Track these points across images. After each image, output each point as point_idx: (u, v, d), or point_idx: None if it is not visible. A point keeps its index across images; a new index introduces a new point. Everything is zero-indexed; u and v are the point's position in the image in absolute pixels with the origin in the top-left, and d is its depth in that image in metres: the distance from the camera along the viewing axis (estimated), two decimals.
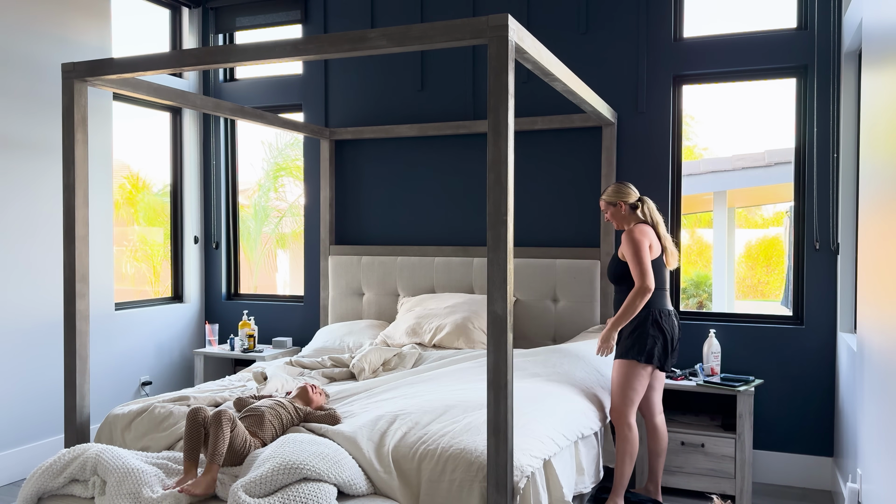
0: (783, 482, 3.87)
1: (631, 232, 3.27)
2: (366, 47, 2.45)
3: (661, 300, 3.31)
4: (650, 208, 3.38)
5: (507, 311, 2.28)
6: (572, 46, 4.21)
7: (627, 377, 3.25)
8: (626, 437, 3.24)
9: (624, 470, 3.26)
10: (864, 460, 2.73)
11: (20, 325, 3.90)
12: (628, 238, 3.26)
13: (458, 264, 4.37)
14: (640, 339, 3.24)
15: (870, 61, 2.74)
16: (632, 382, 3.25)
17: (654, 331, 3.25)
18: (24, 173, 3.91)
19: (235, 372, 4.89)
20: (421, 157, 4.60)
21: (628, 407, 3.25)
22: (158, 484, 2.43)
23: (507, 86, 2.28)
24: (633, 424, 3.26)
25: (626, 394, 3.25)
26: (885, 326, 2.30)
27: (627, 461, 3.25)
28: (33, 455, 3.95)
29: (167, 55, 2.82)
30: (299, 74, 4.92)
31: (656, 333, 3.25)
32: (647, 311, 3.25)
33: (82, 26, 4.22)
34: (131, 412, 3.05)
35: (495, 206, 2.30)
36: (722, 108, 5.05)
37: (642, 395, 3.32)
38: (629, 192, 3.38)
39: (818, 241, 3.78)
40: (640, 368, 3.25)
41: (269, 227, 5.67)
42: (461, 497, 2.39)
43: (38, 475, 2.53)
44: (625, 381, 3.26)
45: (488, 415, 2.30)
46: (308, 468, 2.29)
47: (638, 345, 3.24)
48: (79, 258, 2.99)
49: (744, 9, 4.06)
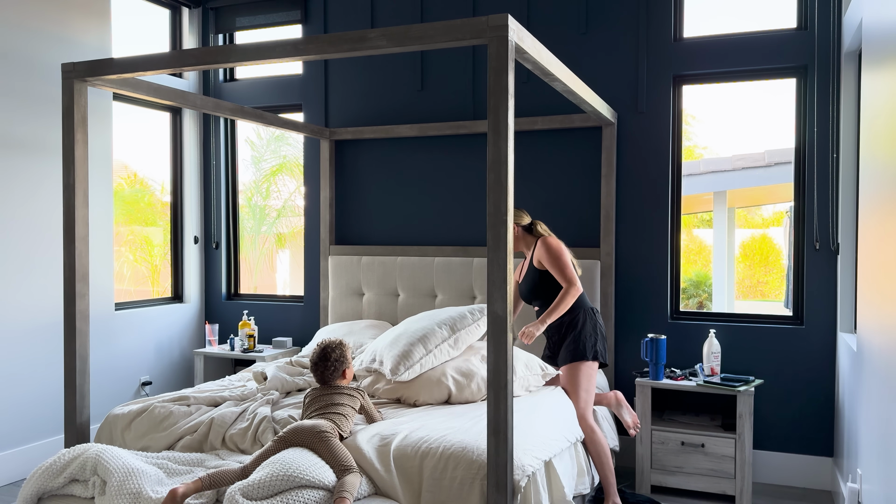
0: (783, 482, 3.88)
1: (546, 240, 3.38)
2: (366, 47, 2.45)
3: (586, 300, 3.45)
4: (544, 228, 3.51)
5: (507, 311, 2.28)
6: (572, 46, 4.21)
7: (580, 379, 3.32)
8: (593, 438, 3.25)
9: (605, 471, 3.27)
10: (864, 460, 2.73)
11: (20, 325, 3.90)
12: (544, 245, 3.36)
13: (458, 264, 4.37)
14: (582, 339, 3.34)
15: (870, 61, 2.74)
16: (585, 383, 3.32)
17: (591, 329, 3.36)
18: (24, 173, 3.91)
19: (235, 372, 4.89)
20: (421, 157, 4.60)
21: (587, 409, 3.29)
22: (158, 484, 2.44)
23: (507, 86, 2.28)
24: (594, 425, 3.27)
25: (581, 396, 3.30)
26: (885, 326, 2.30)
27: (604, 460, 3.26)
28: (33, 455, 3.95)
29: (167, 55, 2.82)
30: (299, 74, 4.92)
31: (593, 331, 3.36)
32: (580, 313, 3.38)
33: (82, 26, 4.22)
34: (131, 412, 3.05)
35: (495, 206, 2.30)
36: (722, 107, 5.05)
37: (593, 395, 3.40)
38: (522, 215, 3.51)
39: (818, 241, 3.78)
40: (590, 368, 3.33)
41: (265, 226, 5.67)
42: (462, 495, 2.39)
43: (38, 475, 2.53)
44: (578, 384, 3.32)
45: (488, 415, 2.30)
46: (307, 478, 2.28)
47: (583, 345, 3.33)
48: (79, 258, 2.99)
49: (744, 9, 4.06)
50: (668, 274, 4.05)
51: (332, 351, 2.84)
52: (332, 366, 2.82)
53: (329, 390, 2.80)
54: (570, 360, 3.35)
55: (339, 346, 2.88)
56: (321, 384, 2.85)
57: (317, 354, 2.84)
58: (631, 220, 4.08)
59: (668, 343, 4.01)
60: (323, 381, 2.83)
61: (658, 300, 4.06)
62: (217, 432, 2.90)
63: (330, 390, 2.80)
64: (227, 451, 2.85)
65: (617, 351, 4.14)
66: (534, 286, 3.46)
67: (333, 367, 2.82)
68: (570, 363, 3.35)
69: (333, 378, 2.83)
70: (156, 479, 2.46)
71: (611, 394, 3.59)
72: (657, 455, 3.70)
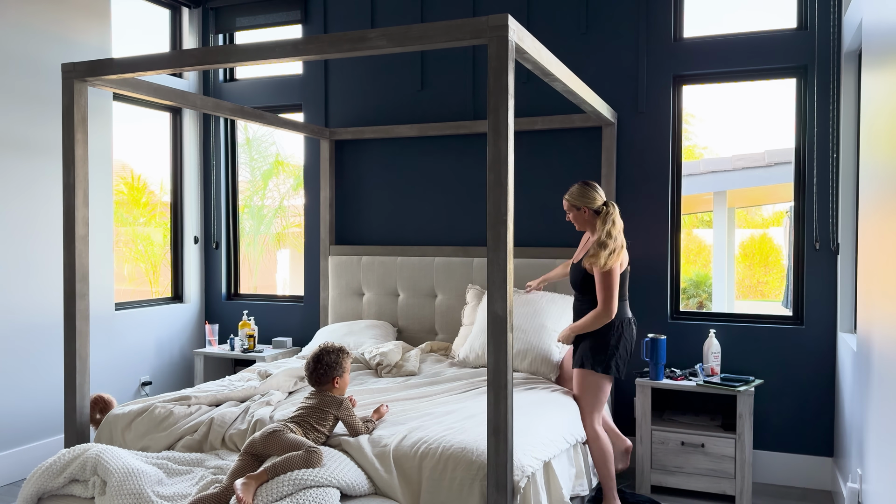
0: (783, 482, 3.87)
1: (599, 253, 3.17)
2: (366, 47, 2.45)
3: (623, 311, 3.32)
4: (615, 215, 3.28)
5: (507, 311, 2.28)
6: (572, 46, 4.21)
7: (586, 386, 3.27)
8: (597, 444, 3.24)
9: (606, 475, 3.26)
10: (865, 460, 2.73)
11: (20, 325, 3.90)
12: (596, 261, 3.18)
13: (458, 264, 4.37)
14: (600, 351, 3.24)
15: (870, 61, 2.74)
16: (592, 391, 3.27)
17: (615, 342, 3.26)
18: (24, 173, 3.91)
19: (235, 372, 4.89)
20: (421, 157, 4.60)
21: (591, 415, 3.26)
22: (158, 484, 2.44)
23: (507, 86, 2.28)
24: (599, 430, 3.26)
25: (587, 401, 3.27)
26: (885, 326, 2.30)
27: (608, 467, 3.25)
28: (33, 455, 3.95)
29: (167, 55, 2.82)
30: (299, 74, 4.92)
31: (616, 345, 3.26)
32: (611, 323, 3.25)
33: (82, 26, 4.22)
34: (131, 412, 3.05)
35: (495, 206, 2.30)
36: (722, 107, 5.05)
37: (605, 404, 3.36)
38: (595, 196, 3.29)
39: (818, 241, 3.78)
40: (599, 379, 3.27)
41: (263, 226, 5.66)
42: (462, 496, 2.39)
43: (38, 475, 2.53)
44: (584, 390, 3.28)
45: (488, 415, 2.30)
46: (310, 480, 2.30)
47: (598, 357, 3.24)
48: (79, 258, 2.98)
49: (744, 9, 4.06)
50: (668, 274, 4.05)
51: (327, 355, 2.76)
52: (321, 369, 2.73)
53: (315, 396, 2.74)
54: (580, 366, 3.29)
55: (337, 352, 2.79)
56: (311, 386, 2.80)
57: (312, 355, 2.79)
58: (631, 220, 4.08)
59: (668, 343, 4.01)
60: (311, 383, 2.77)
61: (658, 300, 4.06)
62: (217, 432, 2.90)
63: (316, 396, 2.74)
64: (226, 451, 2.85)
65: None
66: (580, 279, 3.30)
67: (323, 372, 2.73)
68: (580, 368, 3.29)
69: (321, 383, 2.74)
70: (156, 479, 2.46)
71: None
72: (657, 455, 3.70)
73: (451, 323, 4.36)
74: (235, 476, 2.39)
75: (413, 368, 3.77)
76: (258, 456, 2.48)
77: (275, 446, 2.46)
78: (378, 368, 3.81)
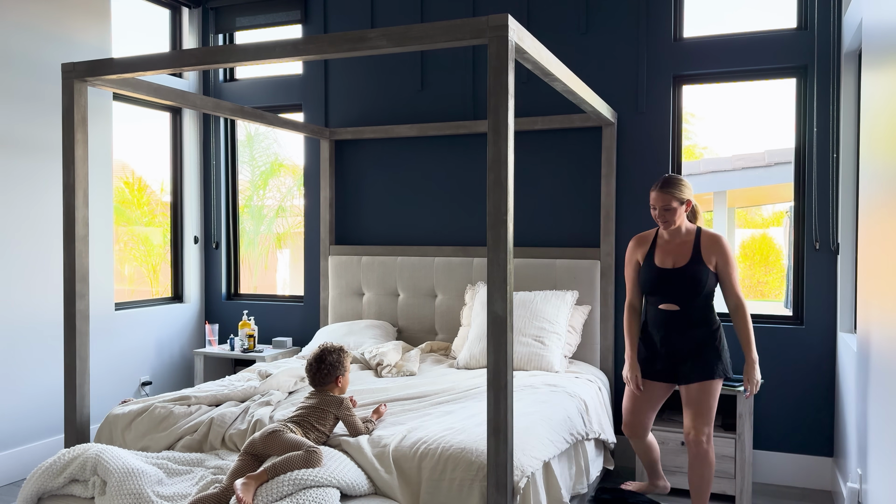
0: (783, 482, 3.87)
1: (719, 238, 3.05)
2: (366, 47, 2.45)
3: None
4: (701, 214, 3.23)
5: (507, 311, 2.28)
6: (572, 46, 4.21)
7: (714, 398, 3.04)
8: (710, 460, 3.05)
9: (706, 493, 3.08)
10: (865, 460, 2.73)
11: (20, 325, 3.90)
12: (722, 243, 3.03)
13: (458, 264, 4.37)
14: (723, 357, 3.07)
15: (870, 61, 2.74)
16: (716, 404, 3.06)
17: (727, 344, 3.13)
18: (24, 173, 3.91)
19: (235, 372, 4.89)
20: (421, 157, 4.60)
21: (712, 426, 3.07)
22: (158, 484, 2.44)
23: (507, 86, 2.28)
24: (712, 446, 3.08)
25: (713, 416, 3.06)
26: (885, 326, 2.30)
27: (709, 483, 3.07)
28: (33, 455, 3.95)
29: (167, 55, 2.82)
30: (299, 74, 4.92)
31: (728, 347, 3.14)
32: (719, 326, 3.09)
33: (82, 26, 4.22)
34: (131, 412, 3.06)
35: (495, 206, 2.30)
36: (722, 107, 5.05)
37: None
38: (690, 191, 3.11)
39: (818, 241, 3.78)
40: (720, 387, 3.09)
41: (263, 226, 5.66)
42: (461, 496, 2.39)
43: (38, 475, 2.53)
44: (712, 405, 3.04)
45: (488, 415, 2.30)
46: (311, 480, 2.30)
47: (724, 363, 3.07)
48: (79, 258, 2.98)
49: (744, 9, 4.06)
50: None
51: (330, 355, 2.77)
52: (324, 369, 2.74)
53: (316, 395, 2.75)
54: (706, 378, 3.01)
55: (338, 351, 2.80)
56: (313, 387, 2.81)
57: (313, 356, 2.80)
58: (631, 220, 4.08)
59: None
60: (313, 383, 2.78)
61: None
62: (217, 432, 2.90)
63: (316, 395, 2.74)
64: (226, 451, 2.85)
65: (617, 351, 4.14)
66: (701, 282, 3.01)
67: (326, 372, 2.74)
68: (706, 381, 3.02)
69: (323, 383, 2.75)
70: (156, 479, 2.46)
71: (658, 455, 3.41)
72: None
73: (450, 323, 4.36)
74: (235, 476, 2.39)
75: (413, 368, 3.77)
76: (258, 456, 2.48)
77: (275, 446, 2.46)
78: (378, 368, 3.82)
